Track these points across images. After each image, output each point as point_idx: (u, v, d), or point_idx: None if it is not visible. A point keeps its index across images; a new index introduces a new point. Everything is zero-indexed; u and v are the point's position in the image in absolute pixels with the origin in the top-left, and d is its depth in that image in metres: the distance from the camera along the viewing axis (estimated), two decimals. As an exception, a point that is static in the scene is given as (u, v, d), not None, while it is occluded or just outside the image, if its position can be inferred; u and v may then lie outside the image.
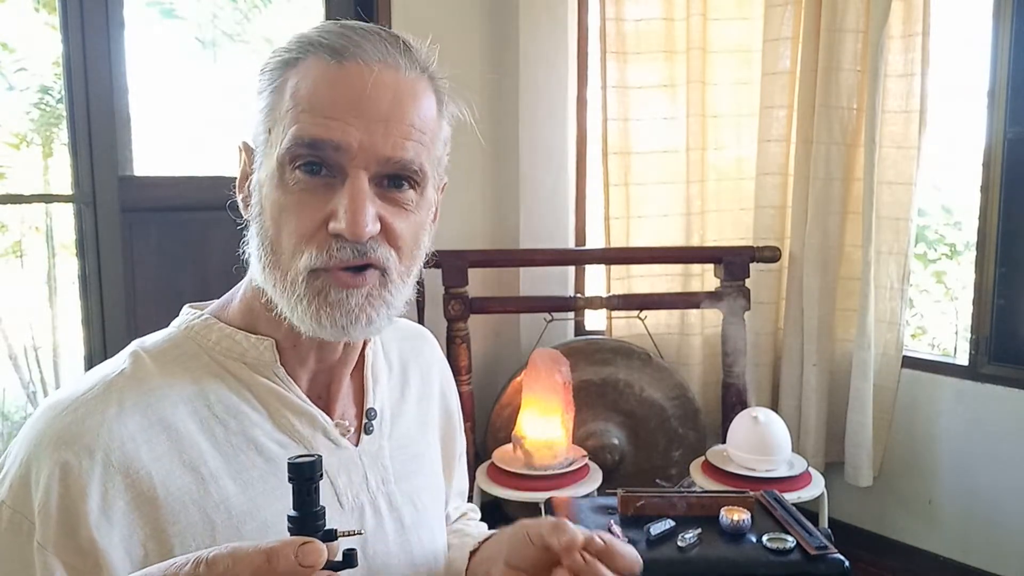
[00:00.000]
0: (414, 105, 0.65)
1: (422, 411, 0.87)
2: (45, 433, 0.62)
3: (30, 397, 2.38)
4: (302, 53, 0.65)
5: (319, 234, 0.64)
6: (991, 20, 2.31)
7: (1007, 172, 2.30)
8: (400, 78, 0.65)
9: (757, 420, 2.20)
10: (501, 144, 2.79)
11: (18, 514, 0.61)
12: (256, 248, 0.68)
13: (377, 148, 0.63)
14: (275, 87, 0.66)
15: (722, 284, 2.49)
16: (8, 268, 2.31)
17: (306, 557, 0.46)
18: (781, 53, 2.58)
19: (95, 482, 0.61)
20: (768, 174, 2.64)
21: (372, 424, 0.78)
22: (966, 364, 2.44)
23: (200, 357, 0.70)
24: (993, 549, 2.40)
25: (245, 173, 0.71)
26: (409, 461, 0.82)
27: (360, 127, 0.63)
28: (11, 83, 2.12)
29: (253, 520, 0.67)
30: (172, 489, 0.64)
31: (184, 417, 0.66)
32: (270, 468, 0.69)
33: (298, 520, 0.51)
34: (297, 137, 0.63)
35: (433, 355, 0.93)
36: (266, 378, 0.71)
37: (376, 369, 0.81)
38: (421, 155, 0.66)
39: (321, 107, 0.63)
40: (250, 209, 0.70)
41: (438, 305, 2.39)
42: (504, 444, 2.37)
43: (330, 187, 0.64)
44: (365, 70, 0.63)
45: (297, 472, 0.51)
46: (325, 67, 0.64)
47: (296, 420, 0.72)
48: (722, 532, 1.49)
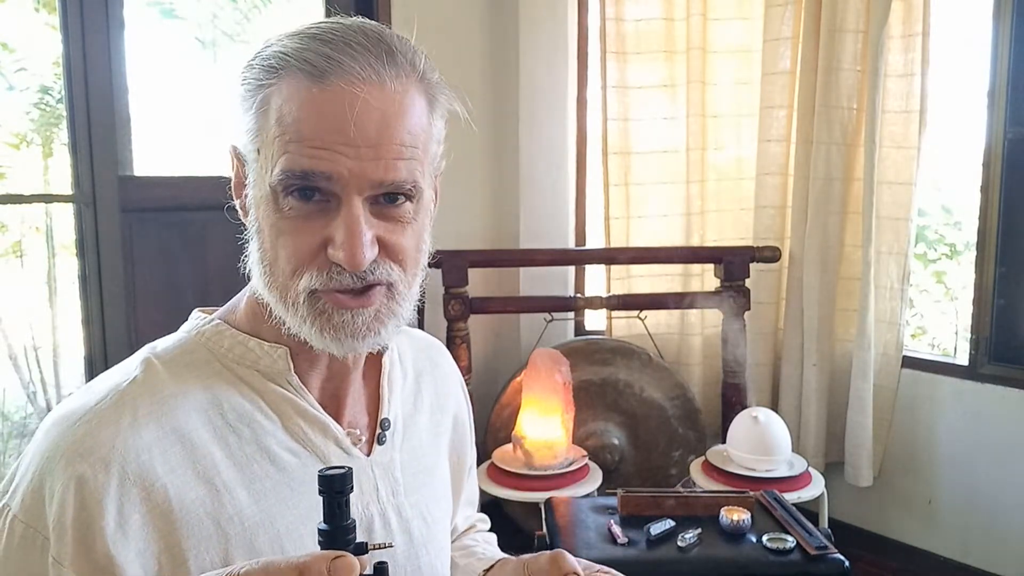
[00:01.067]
0: (403, 119, 0.63)
1: (435, 423, 0.86)
2: (59, 445, 0.61)
3: (30, 397, 2.37)
4: (281, 69, 0.63)
5: (318, 257, 0.64)
6: (991, 20, 2.31)
7: (1007, 172, 2.30)
8: (386, 95, 0.63)
9: (757, 420, 2.20)
10: (501, 144, 2.79)
11: (31, 529, 0.60)
12: (257, 263, 0.68)
13: (368, 173, 0.62)
14: (259, 107, 0.65)
15: (722, 284, 2.49)
16: (8, 268, 2.31)
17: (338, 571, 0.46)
18: (781, 53, 2.58)
19: (111, 495, 0.60)
20: (768, 174, 2.64)
21: (385, 435, 0.78)
22: (966, 364, 2.44)
23: (212, 364, 0.70)
24: (993, 549, 2.40)
25: (240, 180, 0.70)
26: (420, 473, 0.81)
27: (350, 154, 0.61)
28: (11, 83, 2.12)
29: (266, 532, 0.66)
30: (186, 502, 0.63)
31: (198, 426, 0.66)
32: (282, 478, 0.68)
33: (329, 534, 0.50)
34: (287, 170, 0.62)
35: (449, 367, 0.92)
36: (279, 386, 0.70)
37: (392, 379, 0.81)
38: (415, 171, 0.65)
39: (308, 137, 0.61)
40: (248, 222, 0.69)
41: (438, 305, 2.39)
42: (504, 444, 2.37)
43: (325, 211, 0.63)
44: (348, 92, 0.61)
45: (328, 485, 0.50)
46: (307, 91, 0.62)
47: (308, 429, 0.71)
48: (722, 532, 1.49)
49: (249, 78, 0.65)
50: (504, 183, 2.82)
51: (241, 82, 0.66)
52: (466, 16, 2.72)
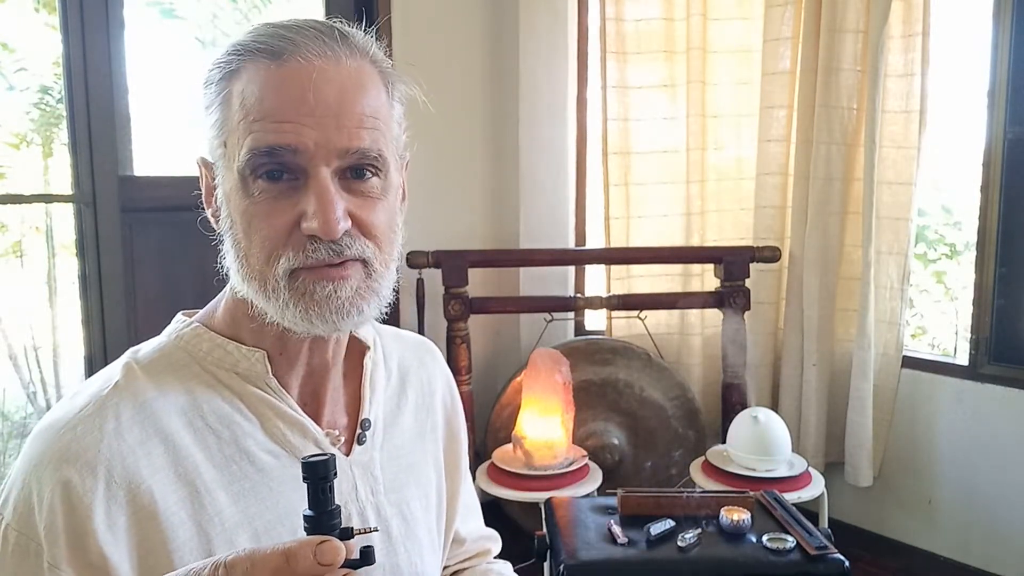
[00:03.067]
0: (361, 93, 0.65)
1: (419, 421, 0.86)
2: (45, 453, 0.62)
3: (30, 397, 2.37)
4: (241, 62, 0.65)
5: (293, 236, 0.65)
6: (991, 20, 2.31)
7: (1007, 172, 2.30)
8: (342, 68, 0.65)
9: (757, 420, 2.20)
10: (501, 144, 2.79)
11: (23, 536, 0.61)
12: (233, 260, 0.69)
13: (333, 142, 0.63)
14: (222, 99, 0.66)
15: (722, 284, 2.49)
16: (8, 268, 2.31)
17: (324, 556, 0.46)
18: (781, 53, 2.58)
19: (99, 498, 0.61)
20: (768, 174, 2.64)
21: (365, 435, 0.78)
22: (966, 364, 2.44)
23: (191, 367, 0.70)
24: (993, 549, 2.40)
25: (210, 188, 0.71)
26: (401, 472, 0.81)
27: (312, 124, 0.63)
28: (11, 83, 2.12)
29: (245, 532, 0.67)
30: (170, 503, 0.64)
31: (179, 428, 0.67)
32: (261, 478, 0.69)
33: (314, 519, 0.51)
34: (253, 148, 0.63)
35: (436, 367, 0.92)
36: (258, 388, 0.71)
37: (375, 379, 0.81)
38: (378, 141, 0.66)
39: (271, 113, 0.63)
40: (221, 223, 0.70)
41: (438, 305, 2.39)
42: (504, 444, 2.37)
43: (295, 189, 0.65)
44: (306, 67, 0.63)
45: (311, 471, 0.50)
46: (266, 71, 0.63)
47: (288, 430, 0.72)
48: (722, 532, 1.49)
49: (210, 79, 0.67)
50: (504, 183, 2.82)
51: (204, 89, 0.68)
52: (466, 16, 2.72)
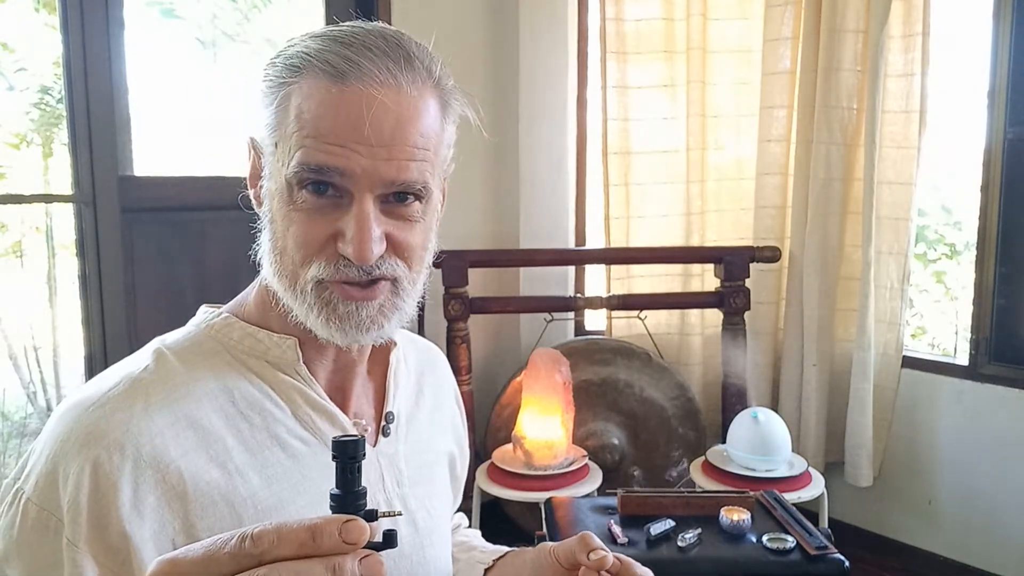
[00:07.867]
0: (416, 124, 0.66)
1: (433, 422, 0.88)
2: (73, 430, 0.62)
3: (30, 397, 2.37)
4: (303, 68, 0.66)
5: (327, 249, 0.66)
6: (991, 20, 2.31)
7: (1007, 172, 2.30)
8: (401, 98, 0.65)
9: (757, 420, 2.20)
10: (501, 144, 2.79)
11: (45, 511, 0.61)
12: (268, 252, 0.70)
13: (380, 172, 0.64)
14: (279, 103, 0.67)
15: (722, 284, 2.49)
16: (8, 268, 2.31)
17: (349, 534, 0.46)
18: (781, 53, 2.58)
19: (126, 477, 0.61)
20: (768, 174, 2.64)
21: (390, 427, 0.80)
22: (966, 364, 2.44)
23: (222, 355, 0.71)
24: (993, 549, 2.40)
25: (256, 171, 0.72)
26: (423, 467, 0.83)
27: (364, 153, 0.64)
28: (11, 83, 2.12)
29: (278, 516, 0.67)
30: (201, 484, 0.64)
31: (209, 413, 0.67)
32: (293, 464, 0.70)
33: (340, 498, 0.51)
34: (303, 163, 0.64)
35: (446, 373, 0.95)
36: (288, 375, 0.72)
37: (398, 375, 0.83)
38: (425, 173, 0.67)
39: (325, 134, 0.64)
40: (261, 211, 0.71)
41: (438, 305, 2.39)
42: (504, 444, 2.37)
43: (337, 206, 0.66)
44: (366, 95, 0.63)
45: (341, 450, 0.51)
46: (327, 91, 0.64)
47: (317, 417, 0.73)
48: (722, 532, 1.49)
49: (271, 75, 0.68)
50: (504, 183, 2.82)
51: (263, 78, 0.69)
52: (466, 16, 2.72)
